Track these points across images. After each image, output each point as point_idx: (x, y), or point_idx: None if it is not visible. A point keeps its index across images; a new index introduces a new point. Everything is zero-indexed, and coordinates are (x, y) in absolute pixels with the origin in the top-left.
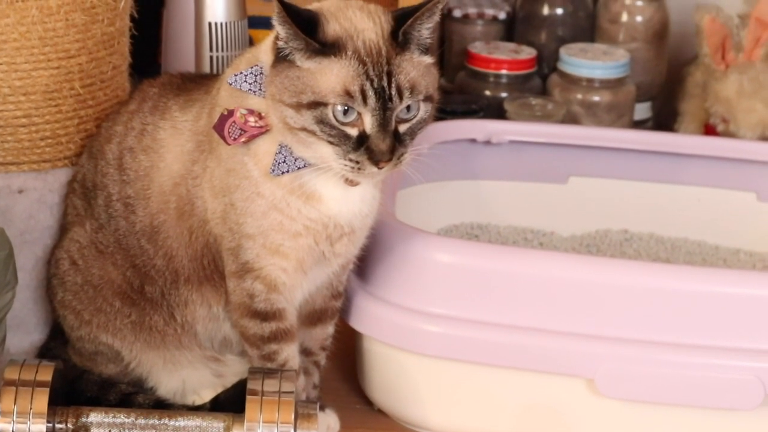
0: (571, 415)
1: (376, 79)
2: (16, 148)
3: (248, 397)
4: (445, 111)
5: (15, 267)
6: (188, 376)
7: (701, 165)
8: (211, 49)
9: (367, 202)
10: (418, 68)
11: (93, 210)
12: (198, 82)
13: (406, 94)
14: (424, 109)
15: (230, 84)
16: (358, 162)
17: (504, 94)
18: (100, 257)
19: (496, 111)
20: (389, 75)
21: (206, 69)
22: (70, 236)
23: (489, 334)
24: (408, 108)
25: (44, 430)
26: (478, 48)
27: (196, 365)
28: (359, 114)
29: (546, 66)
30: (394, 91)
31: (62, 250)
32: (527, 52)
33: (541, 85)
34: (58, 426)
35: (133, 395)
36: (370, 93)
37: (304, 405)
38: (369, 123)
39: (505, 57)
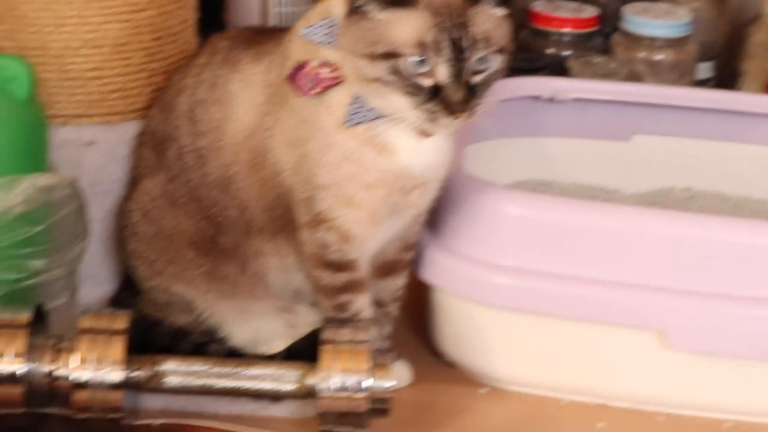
0: (640, 368)
1: (450, 30)
2: (86, 100)
3: (323, 347)
4: (508, 68)
5: (87, 218)
6: (260, 326)
7: (764, 124)
8: (277, 5)
9: (440, 153)
10: (491, 20)
11: (164, 161)
12: (269, 35)
13: (480, 45)
14: (497, 61)
15: (302, 36)
16: (432, 112)
17: (566, 53)
18: (172, 208)
19: (558, 69)
20: (463, 26)
21: (272, 24)
22: (141, 188)
23: (559, 286)
24: (481, 59)
25: (122, 377)
26: (540, 7)
27: (268, 316)
28: (433, 65)
29: (608, 25)
30: (467, 43)
31: (133, 202)
32: (590, 11)
33: (603, 43)
34: (133, 374)
35: (205, 345)
36: (445, 44)
37: (379, 354)
38: (443, 74)
39: (568, 15)
